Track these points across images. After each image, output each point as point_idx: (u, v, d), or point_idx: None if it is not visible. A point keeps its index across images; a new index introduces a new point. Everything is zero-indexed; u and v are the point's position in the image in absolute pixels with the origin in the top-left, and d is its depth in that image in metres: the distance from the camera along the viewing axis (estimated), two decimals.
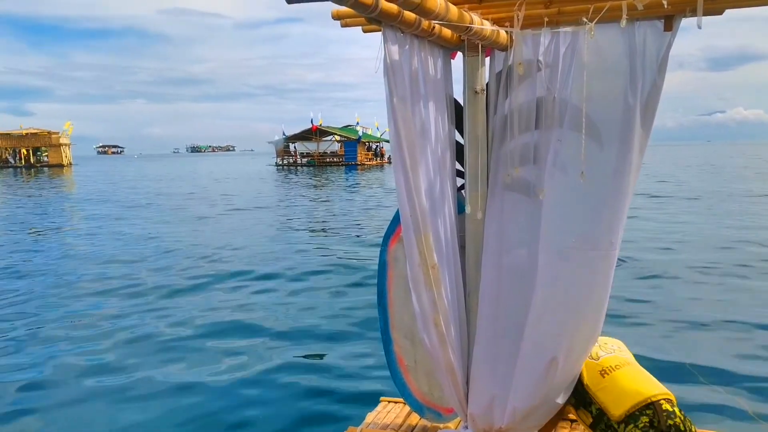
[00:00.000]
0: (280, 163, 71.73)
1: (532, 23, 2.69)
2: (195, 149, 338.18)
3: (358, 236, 15.47)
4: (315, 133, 68.46)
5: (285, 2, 2.26)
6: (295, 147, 72.41)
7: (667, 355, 6.42)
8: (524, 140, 2.89)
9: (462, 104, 2.98)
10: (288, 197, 27.88)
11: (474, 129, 2.92)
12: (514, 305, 2.97)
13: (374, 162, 69.44)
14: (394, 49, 2.36)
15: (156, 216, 19.92)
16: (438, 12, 2.11)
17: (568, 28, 2.67)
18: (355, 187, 34.36)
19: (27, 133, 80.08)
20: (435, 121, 2.74)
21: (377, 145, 73.98)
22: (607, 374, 2.88)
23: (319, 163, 67.79)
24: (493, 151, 2.98)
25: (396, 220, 3.20)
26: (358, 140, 67.19)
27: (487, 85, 2.94)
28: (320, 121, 70.05)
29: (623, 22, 2.32)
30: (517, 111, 2.86)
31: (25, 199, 29.98)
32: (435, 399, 3.39)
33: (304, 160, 70.54)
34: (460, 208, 3.04)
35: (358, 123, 72.95)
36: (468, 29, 2.38)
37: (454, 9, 2.24)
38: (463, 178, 3.06)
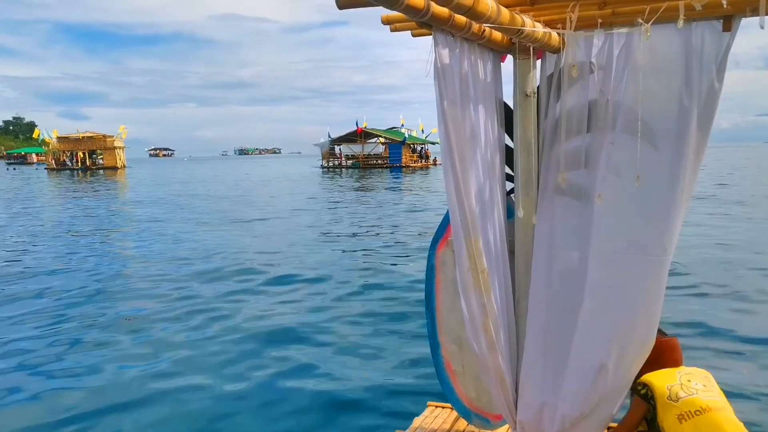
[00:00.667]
0: (326, 165, 72.23)
1: (584, 25, 2.64)
2: (242, 152, 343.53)
3: (403, 240, 15.41)
4: (360, 136, 68.67)
5: (336, 7, 2.28)
6: (340, 149, 72.77)
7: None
8: (575, 143, 2.84)
9: (512, 107, 2.95)
10: (333, 200, 28.05)
11: (524, 132, 2.89)
12: (564, 311, 2.92)
13: (419, 164, 69.25)
14: (445, 52, 2.35)
15: (202, 218, 20.23)
16: (489, 15, 2.10)
17: (623, 30, 2.61)
18: (399, 190, 34.33)
19: (83, 137, 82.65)
20: (485, 124, 2.72)
21: (422, 147, 73.76)
22: (686, 420, 2.59)
23: (363, 165, 67.97)
24: (543, 155, 2.94)
25: (444, 224, 3.19)
26: (403, 142, 67.11)
27: (537, 87, 2.90)
28: (365, 124, 70.24)
29: (680, 23, 2.26)
30: (568, 114, 2.81)
31: (80, 200, 30.98)
32: (483, 405, 3.36)
33: (349, 162, 70.82)
34: (510, 213, 3.01)
35: (402, 125, 72.89)
36: (519, 32, 2.35)
37: (505, 12, 2.22)
38: (512, 182, 3.02)
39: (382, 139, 70.30)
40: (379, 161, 69.02)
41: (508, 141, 3.02)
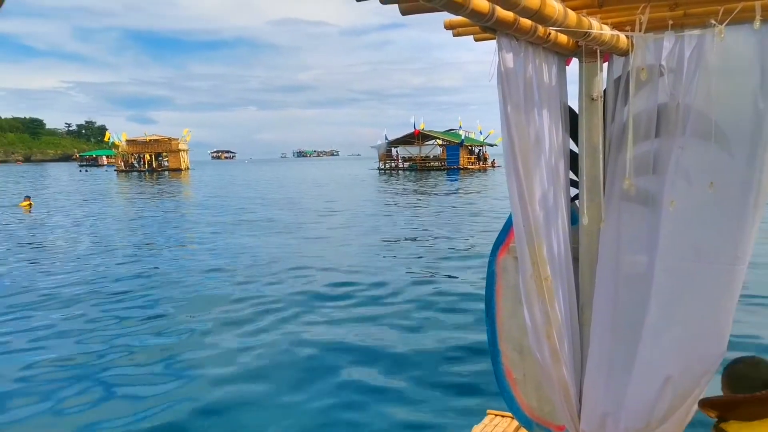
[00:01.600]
0: (382, 167, 72.56)
1: (654, 26, 2.57)
2: (301, 154, 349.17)
3: (462, 245, 15.25)
4: (417, 137, 68.71)
5: (399, 13, 2.29)
6: (397, 151, 73.01)
7: None
8: (644, 148, 2.76)
9: (577, 112, 2.89)
10: (390, 203, 28.08)
11: (590, 137, 2.82)
12: (629, 320, 2.85)
13: (477, 166, 68.75)
14: (509, 57, 2.33)
15: (261, 222, 20.54)
16: (556, 18, 2.06)
17: (695, 31, 2.52)
18: (457, 193, 34.13)
19: (150, 140, 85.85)
20: (549, 129, 2.67)
21: (480, 149, 73.20)
22: None
23: (420, 167, 67.97)
24: (609, 160, 2.87)
25: (506, 230, 3.15)
26: (461, 144, 66.75)
27: (604, 91, 2.84)
28: (422, 125, 70.25)
29: (757, 24, 2.18)
30: (636, 118, 2.73)
31: (148, 202, 32.08)
32: (544, 414, 3.30)
33: (406, 164, 70.95)
34: (574, 219, 2.95)
35: (460, 127, 72.59)
36: (586, 35, 2.30)
37: (572, 14, 2.17)
38: (577, 187, 2.96)
39: (439, 141, 70.14)
40: (436, 163, 68.86)
41: (572, 146, 2.96)
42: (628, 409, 2.82)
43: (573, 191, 2.99)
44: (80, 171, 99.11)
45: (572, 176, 2.99)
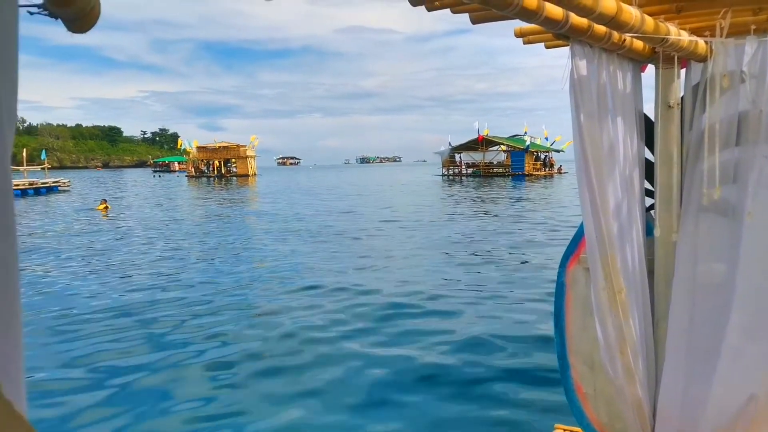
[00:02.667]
0: (446, 173, 72.31)
1: (735, 31, 2.47)
2: (364, 160, 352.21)
3: (530, 255, 14.94)
4: (481, 143, 68.17)
5: (470, 22, 2.28)
6: (460, 157, 72.65)
7: None
8: (724, 157, 2.64)
9: (652, 119, 2.80)
10: (455, 211, 27.86)
11: (666, 146, 2.73)
12: (708, 335, 2.73)
13: (542, 172, 67.59)
14: (582, 64, 2.28)
15: (322, 231, 20.61)
16: (633, 24, 2.00)
17: None
18: (523, 200, 33.59)
19: (219, 147, 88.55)
20: (623, 137, 2.60)
21: (546, 155, 71.95)
22: None
23: (484, 173, 67.39)
24: (687, 169, 2.76)
25: (576, 240, 3.08)
26: (526, 150, 65.78)
27: (681, 98, 2.74)
28: (486, 131, 69.65)
29: None
30: (716, 126, 2.63)
31: (216, 208, 32.99)
32: (616, 431, 3.20)
33: (470, 170, 70.50)
34: (649, 230, 2.85)
35: (526, 132, 71.52)
36: (664, 41, 2.23)
37: (649, 20, 2.11)
38: (652, 197, 2.87)
39: (503, 147, 69.35)
40: (501, 169, 68.09)
41: (648, 155, 2.87)
42: (705, 429, 2.70)
43: (648, 201, 2.90)
44: (154, 176, 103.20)
45: (647, 186, 2.89)
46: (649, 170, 2.87)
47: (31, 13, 1.25)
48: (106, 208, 31.51)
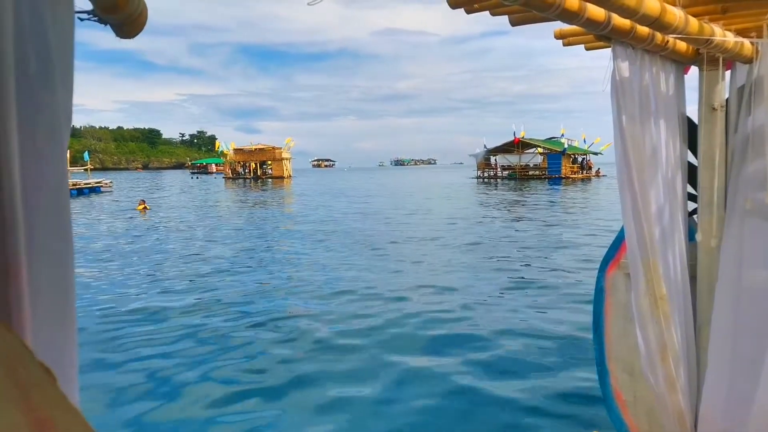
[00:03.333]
0: (481, 175, 71.90)
1: None
2: (398, 162, 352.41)
3: (568, 261, 14.71)
4: (517, 146, 67.60)
5: (509, 24, 2.26)
6: (496, 160, 72.15)
7: None
8: None
9: (696, 122, 2.74)
10: (490, 214, 27.66)
11: (710, 149, 2.67)
12: (752, 342, 2.65)
13: (580, 175, 66.67)
14: (624, 65, 2.24)
15: (357, 237, 20.42)
16: (677, 25, 1.97)
17: None
18: (559, 204, 33.15)
19: (255, 149, 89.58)
20: (666, 140, 2.55)
21: (584, 158, 70.97)
22: None
23: (520, 176, 66.79)
24: (731, 173, 2.70)
25: (616, 245, 3.03)
26: (563, 152, 64.98)
27: (726, 101, 2.67)
28: (522, 134, 69.06)
29: None
30: (762, 129, 2.56)
31: (254, 211, 33.38)
32: None
33: (505, 173, 69.97)
34: (691, 235, 2.79)
35: (563, 135, 70.72)
36: (708, 42, 2.19)
37: (694, 21, 2.07)
38: (695, 201, 2.80)
39: (540, 150, 68.64)
40: (537, 172, 67.41)
41: (690, 158, 2.81)
42: None
43: (690, 205, 2.84)
44: (192, 178, 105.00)
45: (690, 190, 2.83)
46: (691, 174, 2.81)
47: (82, 19, 1.29)
48: (145, 208, 32.18)
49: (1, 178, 0.67)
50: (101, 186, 55.57)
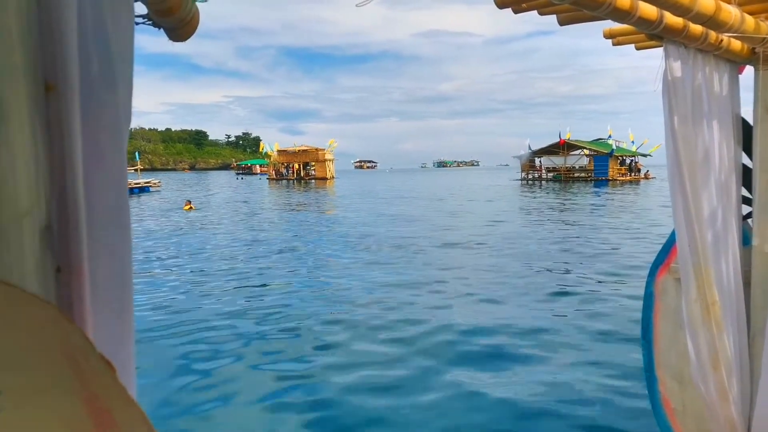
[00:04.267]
0: (525, 177, 71.09)
1: None
2: (441, 164, 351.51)
3: (617, 266, 14.37)
4: (562, 147, 66.63)
5: (557, 23, 2.24)
6: (540, 161, 71.24)
7: None
8: None
9: (750, 123, 2.65)
10: (536, 220, 27.23)
11: (765, 151, 2.58)
12: None
13: (627, 177, 65.25)
14: (676, 65, 2.19)
15: (396, 240, 20.13)
16: (732, 24, 1.92)
17: None
18: (607, 207, 32.49)
19: (299, 150, 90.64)
20: (719, 142, 2.47)
21: (632, 160, 69.45)
22: None
23: (565, 178, 65.79)
24: None
25: (666, 249, 2.95)
26: (611, 154, 63.70)
27: None
28: (568, 135, 68.04)
29: None
30: None
31: (298, 214, 33.71)
32: None
33: (550, 174, 69.03)
34: (746, 240, 2.70)
35: (610, 136, 69.40)
36: (764, 41, 2.12)
37: (749, 19, 2.01)
38: (750, 205, 2.71)
39: (586, 151, 67.49)
40: (583, 174, 66.29)
41: (745, 160, 2.72)
42: None
43: (745, 209, 2.75)
44: (237, 178, 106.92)
45: (744, 193, 2.74)
46: (746, 176, 2.72)
47: (138, 23, 1.33)
48: (191, 208, 32.89)
49: (66, 174, 0.70)
50: (150, 186, 57.03)
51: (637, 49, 2.69)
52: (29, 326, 0.64)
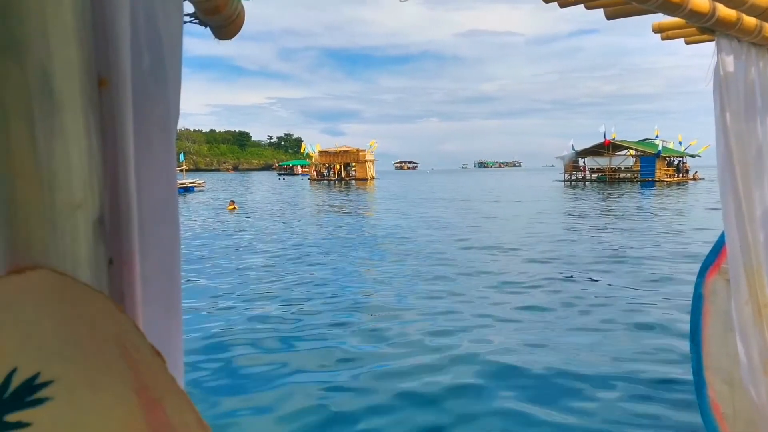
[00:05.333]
0: (568, 178, 70.07)
1: None
2: (482, 165, 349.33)
3: (669, 270, 14.00)
4: (607, 148, 65.47)
5: (605, 17, 2.19)
6: (584, 162, 70.16)
7: None
8: None
9: None
10: (578, 222, 26.79)
11: None
12: None
13: (675, 179, 63.68)
14: (729, 60, 2.12)
15: (436, 247, 19.57)
16: None
17: None
18: (655, 208, 31.77)
19: (340, 151, 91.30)
20: None
21: (680, 160, 67.76)
22: None
23: (610, 179, 64.61)
24: None
25: (716, 249, 2.87)
26: (657, 155, 62.28)
27: None
28: (613, 135, 66.81)
29: None
30: None
31: (339, 218, 33.90)
32: None
33: (594, 175, 67.91)
34: None
35: (657, 136, 67.89)
36: None
37: None
38: None
39: (631, 152, 66.15)
40: (629, 175, 64.98)
41: None
42: None
43: None
44: (279, 179, 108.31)
45: None
46: None
47: (185, 22, 1.36)
48: (234, 208, 33.44)
49: (118, 168, 0.71)
50: (195, 186, 58.26)
51: (687, 43, 2.62)
52: (82, 316, 0.66)
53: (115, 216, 0.72)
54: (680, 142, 68.39)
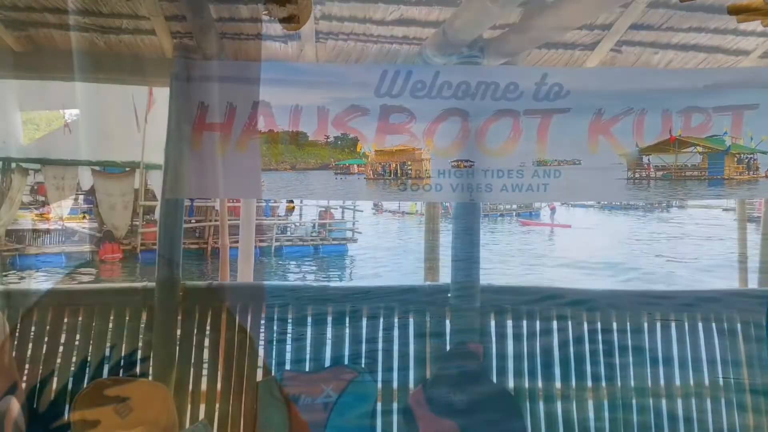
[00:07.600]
0: (632, 176, 68.17)
1: None
2: (541, 163, 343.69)
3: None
4: (673, 145, 63.33)
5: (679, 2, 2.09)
6: (648, 159, 68.11)
7: None
8: None
9: None
10: (645, 226, 25.81)
11: None
12: None
13: (745, 176, 61.05)
14: None
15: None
16: None
17: None
18: (729, 209, 30.54)
19: (396, 150, 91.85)
20: None
21: (750, 157, 64.94)
22: None
23: (676, 177, 62.44)
24: None
25: None
26: (726, 151, 59.81)
27: None
28: (680, 132, 64.57)
29: None
30: None
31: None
32: None
33: (659, 173, 65.79)
34: None
35: (726, 132, 65.35)
36: None
37: None
38: None
39: (699, 149, 63.85)
40: (695, 173, 62.71)
41: None
42: None
43: None
44: (335, 178, 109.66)
45: None
46: None
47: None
48: (293, 207, 33.89)
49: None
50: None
51: (764, 26, 2.48)
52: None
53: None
54: (750, 138, 65.62)
